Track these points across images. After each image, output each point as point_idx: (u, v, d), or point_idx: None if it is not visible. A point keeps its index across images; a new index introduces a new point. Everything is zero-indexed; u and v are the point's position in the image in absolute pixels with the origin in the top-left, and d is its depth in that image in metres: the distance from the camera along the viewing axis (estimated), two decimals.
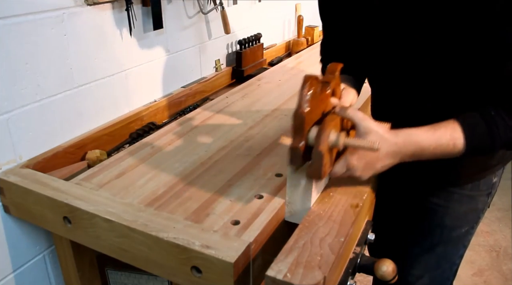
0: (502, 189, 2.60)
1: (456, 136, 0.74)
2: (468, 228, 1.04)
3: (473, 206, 1.00)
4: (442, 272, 1.10)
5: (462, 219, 1.02)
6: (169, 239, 0.74)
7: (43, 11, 0.99)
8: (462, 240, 1.06)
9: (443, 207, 1.00)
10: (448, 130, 0.75)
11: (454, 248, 1.07)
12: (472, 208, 1.00)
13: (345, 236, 0.72)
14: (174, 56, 1.47)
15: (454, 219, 1.01)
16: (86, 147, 1.14)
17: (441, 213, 1.01)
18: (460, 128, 0.75)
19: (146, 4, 1.27)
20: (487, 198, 1.01)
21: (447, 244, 1.05)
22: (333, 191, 0.85)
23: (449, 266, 1.10)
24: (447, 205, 0.99)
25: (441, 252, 1.06)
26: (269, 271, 0.64)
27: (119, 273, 1.10)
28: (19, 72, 0.97)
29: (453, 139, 0.74)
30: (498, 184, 1.01)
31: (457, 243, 1.06)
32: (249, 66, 1.79)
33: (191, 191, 0.90)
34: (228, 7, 1.68)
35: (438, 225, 1.02)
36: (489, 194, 1.00)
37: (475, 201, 0.99)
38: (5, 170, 0.97)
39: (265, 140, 1.12)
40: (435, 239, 1.04)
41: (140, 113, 1.32)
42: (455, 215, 1.01)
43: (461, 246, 1.07)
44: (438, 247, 1.05)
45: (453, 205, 0.99)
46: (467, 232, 1.05)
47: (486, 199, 1.01)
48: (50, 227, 0.94)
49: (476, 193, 0.98)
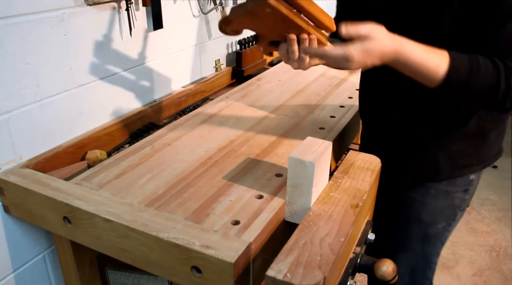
0: (502, 189, 2.60)
1: (443, 63, 0.78)
2: (445, 225, 1.05)
3: (449, 202, 1.01)
4: (422, 272, 1.11)
5: (438, 215, 1.03)
6: (169, 239, 0.74)
7: (43, 11, 0.99)
8: (440, 237, 1.07)
9: (420, 202, 1.02)
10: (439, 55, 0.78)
11: (432, 246, 1.08)
12: (448, 204, 1.01)
13: (345, 236, 0.72)
14: (174, 56, 1.47)
15: (430, 214, 1.02)
16: (86, 147, 1.14)
17: (417, 207, 1.02)
18: (448, 58, 0.78)
19: (146, 4, 1.27)
20: (464, 194, 1.01)
21: (425, 241, 1.06)
22: (333, 191, 0.85)
23: (429, 265, 1.11)
24: (424, 200, 1.01)
25: (419, 250, 1.07)
26: (269, 271, 0.64)
27: (119, 273, 1.10)
28: (19, 72, 0.97)
29: (438, 63, 0.78)
30: (477, 184, 1.02)
31: (435, 240, 1.07)
32: (249, 66, 1.79)
33: (191, 191, 0.90)
34: (228, 7, 1.68)
35: (415, 219, 1.04)
36: (466, 191, 1.01)
37: (451, 197, 1.00)
38: (5, 170, 0.97)
39: (265, 140, 1.12)
40: (412, 235, 1.06)
41: (140, 113, 1.32)
42: (431, 210, 1.02)
43: (438, 243, 1.08)
44: (416, 244, 1.06)
45: (429, 200, 1.01)
46: (444, 229, 1.05)
47: (463, 196, 1.01)
48: (50, 227, 0.94)
49: (452, 189, 0.99)
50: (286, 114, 1.29)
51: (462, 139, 0.94)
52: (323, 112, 1.31)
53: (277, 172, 0.97)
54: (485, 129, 0.94)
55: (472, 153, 0.96)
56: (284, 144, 1.10)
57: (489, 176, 2.72)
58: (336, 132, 1.17)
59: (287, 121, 1.24)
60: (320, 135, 1.15)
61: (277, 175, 0.96)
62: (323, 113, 1.29)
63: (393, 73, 0.85)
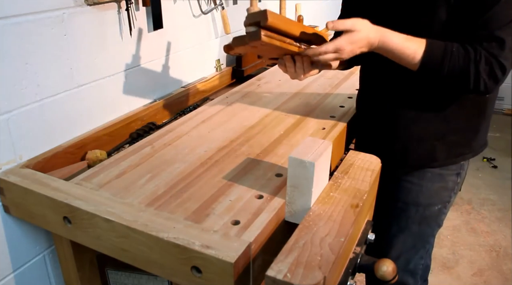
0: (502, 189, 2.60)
1: (419, 49, 0.90)
2: (441, 207, 1.13)
3: (443, 184, 1.10)
4: (417, 251, 1.17)
5: (434, 197, 1.10)
6: (169, 239, 0.74)
7: (43, 11, 0.99)
8: (436, 219, 1.14)
9: (417, 185, 1.09)
10: (417, 42, 0.90)
11: (429, 227, 1.15)
12: (443, 186, 1.10)
13: (345, 236, 0.72)
14: (174, 56, 1.47)
15: (427, 196, 1.10)
16: (86, 147, 1.14)
17: (415, 191, 1.10)
18: (425, 44, 0.90)
19: (146, 4, 1.27)
20: (456, 178, 1.10)
21: (422, 223, 1.13)
22: (333, 191, 0.85)
23: (423, 245, 1.17)
24: (421, 183, 1.09)
25: (416, 231, 1.14)
26: (269, 271, 0.64)
27: (119, 273, 1.10)
28: (19, 72, 0.97)
29: (415, 49, 0.90)
30: (467, 167, 1.13)
31: (431, 221, 1.14)
32: (249, 66, 1.79)
33: (191, 191, 0.90)
34: (228, 7, 1.68)
35: (413, 203, 1.11)
36: (458, 174, 1.10)
37: (445, 180, 1.09)
38: (5, 170, 0.97)
39: (265, 140, 1.12)
40: (410, 217, 1.12)
41: (140, 113, 1.32)
42: (428, 193, 1.09)
43: (435, 225, 1.15)
44: (413, 225, 1.13)
45: (426, 183, 1.09)
46: (440, 211, 1.13)
47: (456, 179, 1.10)
48: (50, 227, 0.94)
49: (446, 172, 1.08)
50: (286, 114, 1.29)
51: (458, 132, 1.04)
52: (323, 112, 1.31)
53: (277, 172, 0.97)
54: (478, 124, 1.05)
55: (465, 144, 1.06)
56: (284, 144, 1.10)
57: (489, 176, 2.72)
58: (336, 132, 1.18)
59: (287, 121, 1.24)
60: (320, 135, 1.15)
61: (277, 175, 0.96)
62: (323, 113, 1.29)
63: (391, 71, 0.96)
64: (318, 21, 2.43)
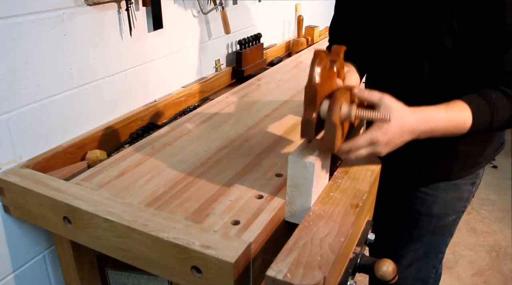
0: (502, 189, 2.60)
1: (466, 116, 0.80)
2: (455, 217, 1.09)
3: (458, 194, 1.05)
4: (429, 261, 1.14)
5: (449, 207, 1.06)
6: (169, 239, 0.74)
7: (43, 11, 0.99)
8: (449, 229, 1.11)
9: (431, 195, 1.05)
10: (460, 110, 0.80)
11: (442, 237, 1.11)
12: (458, 196, 1.05)
13: (345, 236, 0.72)
14: (174, 56, 1.47)
15: (441, 207, 1.05)
16: (86, 147, 1.14)
17: (429, 201, 1.05)
18: (469, 109, 0.80)
19: (146, 4, 1.27)
20: (471, 187, 1.06)
21: (435, 233, 1.09)
22: (333, 191, 0.85)
23: (436, 255, 1.14)
24: (435, 193, 1.04)
25: (429, 241, 1.10)
26: (269, 271, 0.64)
27: (119, 273, 1.10)
28: (19, 72, 0.97)
29: (463, 119, 0.80)
30: (482, 175, 1.07)
31: (445, 232, 1.10)
32: (249, 66, 1.79)
33: (191, 191, 0.90)
34: (228, 7, 1.68)
35: (426, 213, 1.07)
36: (474, 183, 1.05)
37: (460, 189, 1.05)
38: (5, 170, 0.97)
39: (265, 140, 1.12)
40: (423, 228, 1.08)
41: (140, 113, 1.32)
42: (442, 204, 1.05)
43: (448, 235, 1.12)
44: (426, 235, 1.09)
45: (440, 193, 1.04)
46: (454, 221, 1.09)
47: (471, 188, 1.06)
48: (50, 227, 0.94)
49: (460, 182, 1.03)
50: (286, 114, 1.29)
51: (472, 142, 0.98)
52: None
53: (277, 172, 0.97)
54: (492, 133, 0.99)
55: (479, 153, 1.01)
56: (284, 144, 1.10)
57: (489, 176, 2.72)
58: None
59: (287, 121, 1.24)
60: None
61: (277, 175, 0.96)
62: None
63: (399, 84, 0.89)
64: (318, 21, 2.43)
